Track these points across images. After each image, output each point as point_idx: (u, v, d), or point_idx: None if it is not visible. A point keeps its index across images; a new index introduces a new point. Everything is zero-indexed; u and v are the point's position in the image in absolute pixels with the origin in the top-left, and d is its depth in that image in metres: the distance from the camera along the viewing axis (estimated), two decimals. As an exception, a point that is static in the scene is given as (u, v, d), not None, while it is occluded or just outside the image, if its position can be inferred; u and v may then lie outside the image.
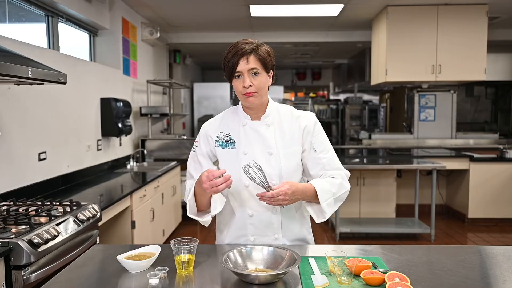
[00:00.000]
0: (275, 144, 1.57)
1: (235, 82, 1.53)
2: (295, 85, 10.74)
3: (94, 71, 3.87)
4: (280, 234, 1.60)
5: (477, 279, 1.31)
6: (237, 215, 1.60)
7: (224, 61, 1.53)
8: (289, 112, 1.64)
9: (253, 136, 1.58)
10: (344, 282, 1.26)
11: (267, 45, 1.55)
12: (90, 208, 2.42)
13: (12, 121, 2.62)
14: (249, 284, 1.26)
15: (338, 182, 1.56)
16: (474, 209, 4.98)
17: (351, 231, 4.48)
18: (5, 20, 2.93)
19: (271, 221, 1.58)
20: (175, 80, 6.22)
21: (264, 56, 1.50)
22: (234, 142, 1.60)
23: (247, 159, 1.55)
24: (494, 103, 8.13)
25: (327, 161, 1.60)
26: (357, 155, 5.71)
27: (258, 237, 1.59)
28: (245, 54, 1.48)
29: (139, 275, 1.33)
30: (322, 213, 1.51)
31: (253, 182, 1.46)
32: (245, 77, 1.49)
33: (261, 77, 1.51)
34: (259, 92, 1.51)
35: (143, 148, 5.01)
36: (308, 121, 1.61)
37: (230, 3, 4.68)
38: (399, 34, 5.01)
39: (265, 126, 1.59)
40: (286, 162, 1.56)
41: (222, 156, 1.61)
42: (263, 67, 1.51)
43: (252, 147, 1.57)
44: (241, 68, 1.48)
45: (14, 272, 1.77)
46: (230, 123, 1.63)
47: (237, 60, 1.48)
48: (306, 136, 1.59)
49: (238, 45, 1.50)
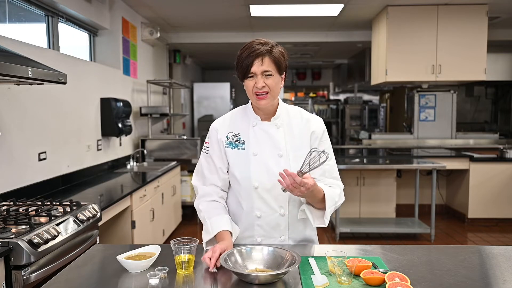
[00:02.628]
0: (285, 146, 1.57)
1: (247, 82, 1.51)
2: (295, 85, 10.74)
3: (94, 71, 3.87)
4: (287, 236, 1.60)
5: (477, 279, 1.31)
6: (245, 216, 1.59)
7: (238, 60, 1.51)
8: (299, 114, 1.64)
9: (263, 138, 1.58)
10: (344, 282, 1.26)
11: (282, 46, 1.54)
12: (90, 208, 2.42)
13: (12, 121, 2.62)
14: (249, 284, 1.26)
15: (338, 192, 1.57)
16: (474, 209, 4.98)
17: (351, 231, 4.48)
18: (5, 20, 2.93)
19: (279, 222, 1.57)
20: (175, 80, 6.22)
21: (279, 58, 1.49)
22: (243, 142, 1.59)
23: (257, 160, 1.55)
24: (494, 103, 8.13)
25: (329, 168, 1.61)
26: (357, 155, 5.71)
27: (265, 238, 1.59)
28: (260, 55, 1.47)
29: (139, 275, 1.33)
30: (323, 218, 1.52)
31: (305, 159, 1.41)
32: (258, 78, 1.48)
33: (274, 79, 1.50)
34: (271, 94, 1.51)
35: (143, 148, 5.01)
36: (318, 127, 1.61)
37: (230, 3, 4.68)
38: (399, 34, 5.01)
39: (275, 127, 1.58)
40: (296, 164, 1.54)
41: (231, 157, 1.60)
42: (277, 69, 1.50)
43: (262, 149, 1.56)
44: (255, 69, 1.47)
45: (14, 272, 1.77)
46: (239, 123, 1.62)
47: (251, 60, 1.47)
48: (314, 141, 1.60)
49: (253, 45, 1.49)
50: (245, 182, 1.56)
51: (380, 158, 5.19)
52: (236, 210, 1.62)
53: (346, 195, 4.88)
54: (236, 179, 1.59)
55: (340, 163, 4.46)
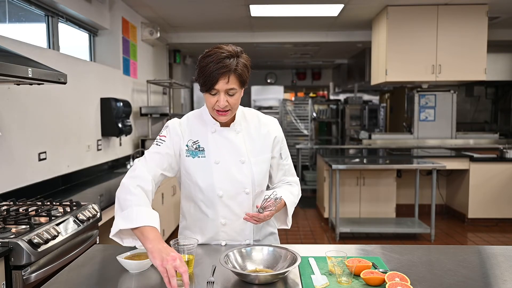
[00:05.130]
0: (246, 151, 1.55)
1: (209, 97, 1.44)
2: (295, 85, 10.74)
3: (94, 71, 3.87)
4: (252, 240, 1.61)
5: (477, 279, 1.31)
6: (209, 224, 1.57)
7: (201, 69, 1.41)
8: (256, 117, 1.63)
9: (224, 144, 1.54)
10: (344, 282, 1.26)
11: (245, 54, 1.46)
12: (90, 208, 2.42)
13: (12, 121, 2.62)
14: (249, 284, 1.26)
15: (297, 192, 1.68)
16: (474, 209, 4.98)
17: (351, 231, 4.48)
18: (5, 20, 2.93)
19: (243, 228, 1.58)
20: (175, 80, 6.21)
21: (243, 73, 1.42)
22: (203, 150, 1.53)
23: (220, 168, 1.52)
24: (494, 103, 8.13)
25: (289, 167, 1.70)
26: (357, 155, 5.70)
27: (230, 241, 1.60)
28: (227, 72, 1.38)
29: (139, 275, 1.33)
30: (286, 222, 1.65)
31: (262, 203, 1.48)
32: (221, 97, 1.41)
33: (237, 95, 1.45)
34: (232, 110, 1.48)
35: (143, 148, 5.01)
36: (278, 131, 1.64)
37: (230, 3, 4.68)
38: (399, 34, 5.01)
39: (234, 133, 1.55)
40: (258, 169, 1.56)
41: (192, 166, 1.52)
42: (240, 84, 1.44)
43: (223, 156, 1.53)
44: (220, 87, 1.40)
45: (14, 272, 1.77)
46: (197, 129, 1.55)
47: (217, 78, 1.38)
48: (277, 144, 1.62)
49: (220, 57, 1.39)
50: (208, 191, 1.52)
51: (380, 158, 5.19)
52: (200, 218, 1.58)
53: (346, 195, 4.89)
54: (199, 187, 1.53)
55: (340, 163, 4.47)
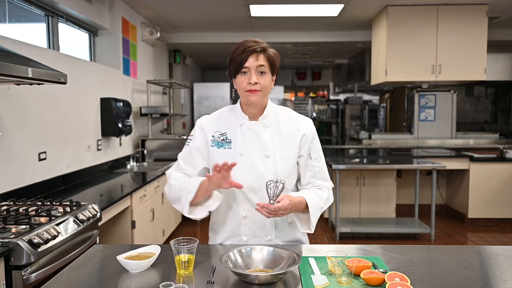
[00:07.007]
0: (272, 146, 1.56)
1: (239, 78, 1.51)
2: (295, 85, 10.73)
3: (94, 71, 3.87)
4: (273, 235, 1.60)
5: (477, 279, 1.31)
6: (231, 216, 1.59)
7: (232, 56, 1.51)
8: (288, 114, 1.64)
9: (250, 137, 1.57)
10: (344, 282, 1.26)
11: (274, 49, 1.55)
12: (90, 208, 2.42)
13: (12, 121, 2.62)
14: (249, 284, 1.26)
15: (326, 196, 1.61)
16: (474, 209, 4.98)
17: (351, 231, 4.48)
18: (5, 20, 2.93)
19: (264, 222, 1.57)
20: (175, 80, 6.22)
21: (273, 57, 1.52)
22: (230, 141, 1.58)
23: (243, 160, 1.53)
24: (494, 103, 8.13)
25: (319, 170, 1.63)
26: (357, 155, 5.70)
27: (251, 237, 1.59)
28: (255, 51, 1.48)
29: (139, 275, 1.33)
30: (309, 225, 1.55)
31: (267, 191, 1.44)
32: (252, 74, 1.48)
33: (267, 77, 1.51)
34: (263, 92, 1.51)
35: (143, 148, 5.01)
36: (308, 129, 1.61)
37: (230, 3, 4.68)
38: (399, 34, 5.01)
39: (262, 127, 1.58)
40: (283, 164, 1.55)
41: (216, 157, 1.56)
42: (271, 68, 1.51)
43: (249, 148, 1.56)
44: (250, 64, 1.47)
45: (14, 272, 1.77)
46: (227, 122, 1.61)
47: (246, 56, 1.47)
48: (305, 143, 1.60)
49: (247, 43, 1.50)
50: None
51: (380, 158, 5.19)
52: (222, 210, 1.61)
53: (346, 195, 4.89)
54: None
55: (340, 163, 4.47)
